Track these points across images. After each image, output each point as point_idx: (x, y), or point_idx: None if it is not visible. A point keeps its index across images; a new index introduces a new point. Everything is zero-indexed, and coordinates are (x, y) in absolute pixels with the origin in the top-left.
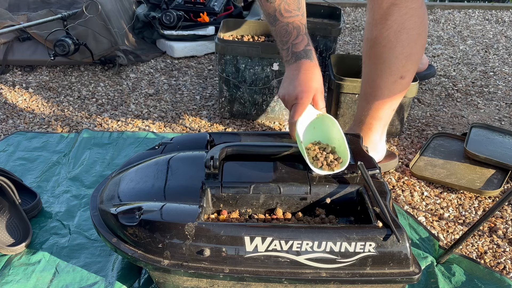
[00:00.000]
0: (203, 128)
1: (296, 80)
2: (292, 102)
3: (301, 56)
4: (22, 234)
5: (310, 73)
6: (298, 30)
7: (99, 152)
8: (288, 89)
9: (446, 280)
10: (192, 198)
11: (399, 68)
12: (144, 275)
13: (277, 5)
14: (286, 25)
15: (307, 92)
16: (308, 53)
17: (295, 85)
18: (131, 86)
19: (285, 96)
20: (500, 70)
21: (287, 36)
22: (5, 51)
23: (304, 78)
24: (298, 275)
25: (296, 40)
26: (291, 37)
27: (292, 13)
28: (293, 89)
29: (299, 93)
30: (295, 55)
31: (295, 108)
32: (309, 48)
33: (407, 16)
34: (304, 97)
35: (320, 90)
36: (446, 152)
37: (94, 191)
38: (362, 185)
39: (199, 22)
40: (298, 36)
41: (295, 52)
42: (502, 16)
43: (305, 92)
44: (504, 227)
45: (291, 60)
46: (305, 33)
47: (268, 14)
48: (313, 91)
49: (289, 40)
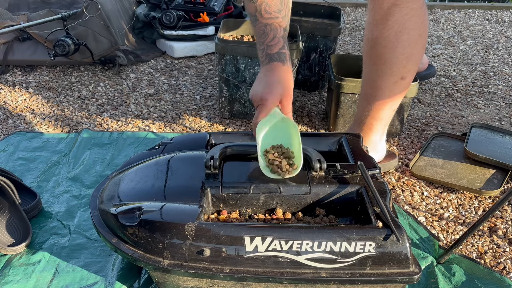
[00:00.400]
0: (203, 128)
1: (265, 82)
2: (258, 102)
3: (274, 58)
4: (22, 234)
5: (279, 76)
6: (275, 32)
7: (99, 152)
8: (256, 89)
9: (446, 280)
10: (192, 198)
11: (400, 68)
12: (144, 275)
13: (258, 5)
14: (264, 26)
15: (272, 95)
16: (281, 56)
17: (262, 86)
18: (131, 86)
19: (253, 96)
20: (500, 70)
21: (264, 37)
22: (5, 51)
23: (272, 81)
24: (298, 275)
25: (272, 42)
26: (267, 38)
27: (272, 14)
28: (260, 90)
29: (264, 94)
30: (268, 57)
31: (259, 109)
32: (284, 52)
33: (408, 16)
34: (269, 99)
35: (288, 94)
36: (446, 152)
37: (94, 191)
38: (362, 185)
39: (199, 22)
40: (274, 38)
41: (269, 53)
42: (502, 16)
43: (270, 94)
44: (504, 227)
45: (265, 61)
46: (281, 36)
47: (250, 14)
48: (279, 94)
49: (265, 41)
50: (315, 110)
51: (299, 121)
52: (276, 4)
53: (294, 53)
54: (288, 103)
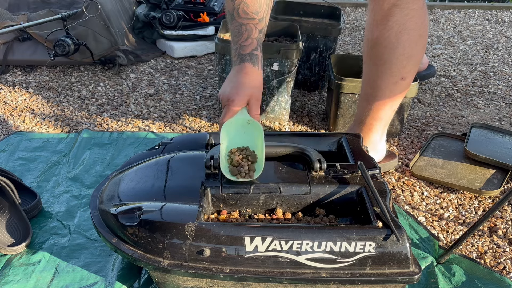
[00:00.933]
0: (203, 128)
1: (234, 82)
2: (225, 102)
3: (245, 59)
4: (22, 234)
5: (249, 78)
6: (250, 33)
7: (99, 152)
8: (224, 89)
9: (446, 280)
10: (192, 198)
11: (400, 69)
12: (144, 275)
13: (237, 4)
14: (239, 25)
15: (240, 96)
16: (253, 57)
17: (231, 87)
18: (131, 86)
19: (220, 96)
20: (500, 70)
21: (238, 36)
22: (5, 51)
23: (241, 82)
24: (298, 275)
25: (245, 42)
26: (241, 38)
27: (249, 15)
28: (228, 91)
29: (231, 95)
30: (240, 57)
31: (226, 109)
32: (256, 53)
33: (408, 17)
34: (236, 100)
35: (256, 96)
36: (446, 152)
37: (94, 191)
38: (362, 185)
39: (199, 22)
40: (248, 39)
41: (241, 53)
42: (502, 16)
43: (238, 95)
44: (504, 227)
45: (236, 61)
46: (256, 38)
47: (227, 12)
48: (246, 96)
49: (238, 41)
50: (315, 110)
51: (299, 121)
52: (254, 5)
53: (294, 53)
54: (255, 105)
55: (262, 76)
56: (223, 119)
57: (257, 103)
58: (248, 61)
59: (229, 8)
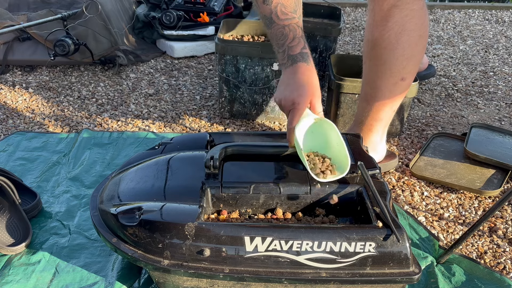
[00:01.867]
0: (203, 128)
1: (292, 84)
2: (289, 107)
3: (297, 59)
4: (22, 234)
5: (306, 77)
6: (295, 32)
7: (99, 152)
8: (285, 93)
9: (446, 280)
10: (192, 198)
11: (400, 70)
12: (144, 275)
13: (274, 7)
14: (282, 27)
15: (304, 97)
16: (304, 56)
17: (291, 90)
18: (131, 86)
19: (282, 101)
20: (500, 70)
21: (283, 38)
22: (5, 51)
23: (300, 82)
24: (298, 275)
25: (293, 42)
26: (287, 39)
27: (289, 15)
28: (290, 94)
29: (295, 97)
30: (291, 58)
31: (293, 113)
32: (306, 51)
33: (408, 17)
34: (301, 102)
35: (317, 94)
36: (446, 152)
37: (94, 191)
38: (362, 185)
39: (199, 22)
40: (295, 39)
41: (291, 55)
42: (502, 16)
43: (302, 97)
44: (504, 227)
45: (287, 63)
46: (301, 36)
47: (264, 16)
48: (310, 95)
49: (285, 43)
50: None
51: None
52: (291, 5)
53: None
54: (318, 103)
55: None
56: (292, 123)
57: (319, 101)
58: (301, 60)
59: (266, 12)
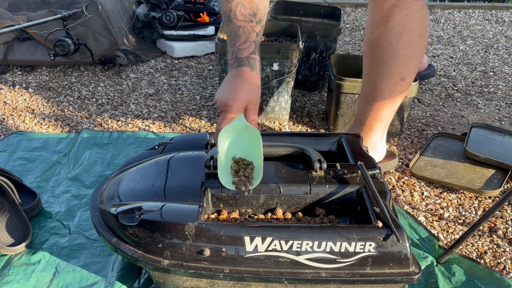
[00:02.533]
0: (203, 128)
1: (231, 88)
2: (222, 108)
3: (243, 62)
4: (22, 234)
5: (246, 83)
6: (248, 35)
7: (99, 152)
8: (222, 94)
9: (446, 280)
10: (192, 198)
11: (400, 70)
12: (144, 275)
13: (234, 6)
14: (237, 28)
15: (237, 102)
16: (251, 61)
17: (228, 93)
18: (131, 86)
19: (217, 101)
20: (500, 70)
21: (236, 39)
22: (5, 51)
23: (239, 87)
24: (298, 275)
25: (243, 45)
26: (239, 41)
27: (246, 17)
28: (226, 96)
29: (229, 101)
30: (238, 60)
31: (223, 115)
32: (254, 57)
33: (408, 18)
34: (233, 106)
35: (254, 102)
36: (446, 152)
37: (94, 191)
38: (362, 185)
39: (199, 22)
40: (246, 42)
41: (238, 57)
42: (502, 16)
43: (235, 101)
44: (504, 227)
45: (234, 64)
46: (254, 41)
47: (224, 13)
48: (244, 102)
49: (236, 43)
50: (315, 110)
51: (299, 121)
52: (252, 8)
53: (294, 53)
54: (253, 110)
55: (260, 79)
56: (220, 125)
57: (255, 108)
58: (246, 65)
59: (226, 9)
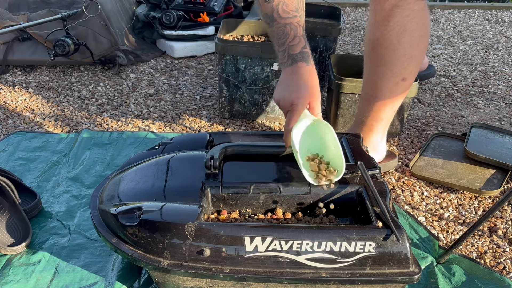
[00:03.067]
0: (203, 128)
1: (292, 86)
2: (288, 108)
3: (297, 58)
4: (22, 234)
5: (305, 78)
6: (296, 31)
7: (99, 152)
8: (284, 94)
9: (446, 280)
10: (192, 198)
11: (401, 70)
12: (144, 275)
13: (275, 5)
14: (283, 26)
15: (303, 99)
16: (304, 55)
17: (290, 91)
18: (131, 86)
19: (280, 102)
20: (500, 70)
21: (284, 37)
22: (5, 51)
23: (299, 83)
24: (298, 275)
25: (293, 41)
26: (288, 38)
27: (290, 14)
28: (289, 95)
29: (294, 99)
30: (291, 58)
31: (290, 115)
32: (306, 51)
33: (409, 18)
34: (300, 103)
35: (317, 96)
36: (446, 152)
37: (94, 191)
38: (362, 185)
39: (199, 22)
40: (295, 38)
41: (291, 54)
42: (502, 16)
43: (300, 99)
44: (504, 227)
45: (287, 62)
46: (302, 35)
47: (265, 15)
48: (308, 97)
49: (285, 42)
50: None
51: None
52: (293, 3)
53: None
54: (317, 104)
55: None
56: (289, 125)
57: (318, 102)
58: (301, 60)
59: (267, 10)
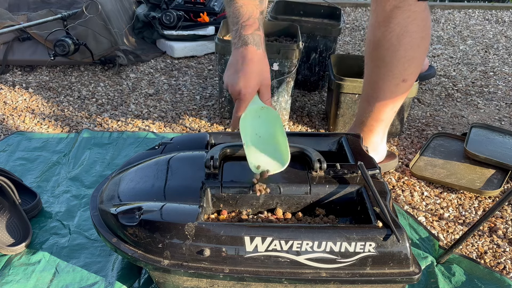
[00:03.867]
0: (203, 128)
1: (240, 71)
2: (236, 97)
3: (248, 41)
4: (22, 234)
5: (255, 63)
6: (251, 13)
7: (99, 152)
8: (232, 80)
9: (446, 280)
10: (192, 198)
11: (402, 71)
12: (144, 275)
13: None
14: (240, 6)
15: (251, 87)
16: (256, 38)
17: (239, 77)
18: (131, 86)
19: (229, 87)
20: (500, 70)
21: (239, 16)
22: (5, 51)
23: (248, 70)
24: (298, 275)
25: (247, 22)
26: (242, 17)
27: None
28: (237, 82)
29: (242, 87)
30: (242, 38)
31: (239, 103)
32: (259, 33)
33: (410, 19)
34: (247, 92)
35: (266, 82)
36: (446, 152)
37: (94, 191)
38: (362, 185)
39: (199, 22)
40: (250, 19)
41: (243, 34)
42: (502, 16)
43: (249, 87)
44: (504, 227)
45: (238, 43)
46: (257, 18)
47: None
48: (257, 86)
49: (239, 21)
50: (315, 110)
51: (299, 121)
52: None
53: (294, 53)
54: (266, 90)
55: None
56: (238, 112)
57: (267, 89)
58: (251, 43)
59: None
